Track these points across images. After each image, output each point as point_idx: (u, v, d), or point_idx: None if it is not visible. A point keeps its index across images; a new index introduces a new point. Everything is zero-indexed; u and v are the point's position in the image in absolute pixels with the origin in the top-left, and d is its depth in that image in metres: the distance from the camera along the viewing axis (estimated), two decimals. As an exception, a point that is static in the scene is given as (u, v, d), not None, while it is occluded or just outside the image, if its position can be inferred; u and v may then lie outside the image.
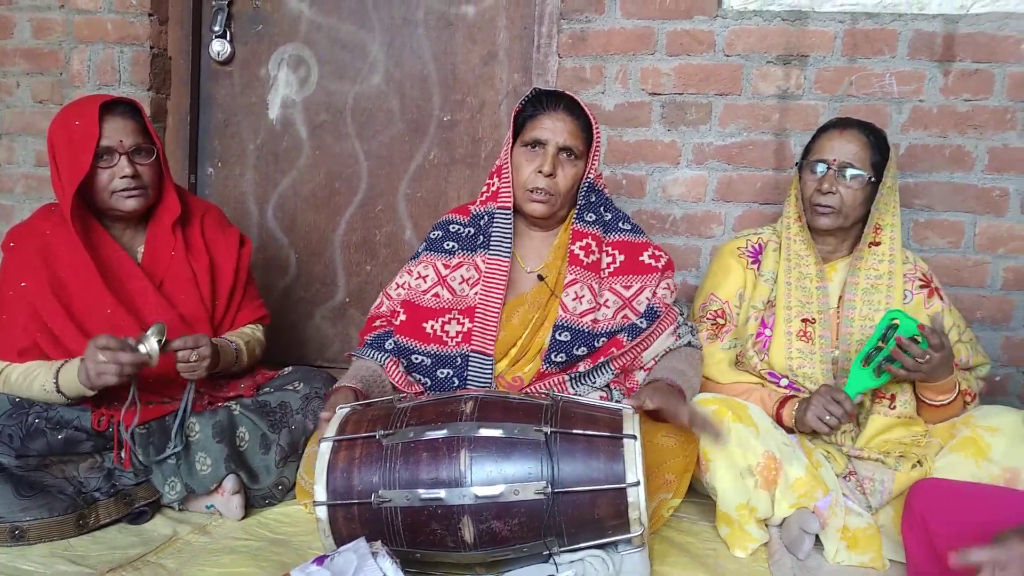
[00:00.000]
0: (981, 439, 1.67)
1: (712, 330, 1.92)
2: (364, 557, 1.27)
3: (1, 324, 1.75)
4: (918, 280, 1.88)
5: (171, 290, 1.86)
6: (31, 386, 1.68)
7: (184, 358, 1.69)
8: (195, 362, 1.70)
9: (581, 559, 1.39)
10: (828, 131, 1.87)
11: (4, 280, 1.77)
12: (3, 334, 1.75)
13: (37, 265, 1.75)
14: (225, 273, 1.95)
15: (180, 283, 1.87)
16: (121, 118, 1.77)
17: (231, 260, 1.97)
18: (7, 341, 1.74)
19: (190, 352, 1.69)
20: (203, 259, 1.92)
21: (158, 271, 1.87)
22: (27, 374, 1.70)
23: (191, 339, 1.70)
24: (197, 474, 1.71)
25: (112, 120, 1.75)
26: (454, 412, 1.41)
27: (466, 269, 1.83)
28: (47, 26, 2.65)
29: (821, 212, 1.83)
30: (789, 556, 1.61)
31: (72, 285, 1.75)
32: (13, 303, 1.74)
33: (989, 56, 2.23)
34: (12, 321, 1.74)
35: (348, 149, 2.66)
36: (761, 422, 1.69)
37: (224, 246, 1.97)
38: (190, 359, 1.70)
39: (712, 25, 2.35)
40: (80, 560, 1.51)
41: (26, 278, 1.74)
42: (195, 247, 1.92)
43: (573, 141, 1.77)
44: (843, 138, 1.83)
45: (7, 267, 1.78)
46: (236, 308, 1.99)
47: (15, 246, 1.79)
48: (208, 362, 1.72)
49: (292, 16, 2.64)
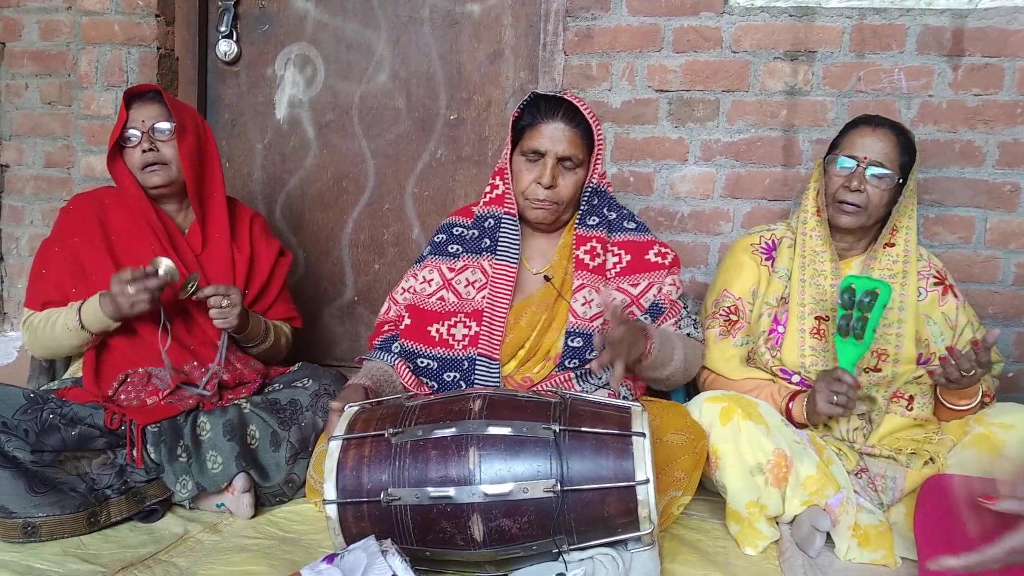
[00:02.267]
0: (994, 436, 1.66)
1: (724, 326, 1.90)
2: (374, 555, 1.27)
3: (39, 276, 1.89)
4: (932, 278, 1.87)
5: (207, 263, 1.99)
6: (54, 327, 1.81)
7: (216, 303, 1.82)
8: (226, 307, 1.83)
9: (591, 557, 1.38)
10: (859, 127, 1.83)
11: (56, 236, 1.92)
12: (37, 285, 1.88)
13: (93, 226, 1.90)
14: (261, 270, 2.09)
15: (218, 262, 2.00)
16: (144, 103, 1.93)
17: (269, 261, 2.11)
18: (38, 291, 1.88)
19: (221, 298, 1.82)
20: (245, 251, 2.06)
21: (199, 245, 2.00)
22: (48, 317, 1.83)
23: (223, 287, 1.85)
24: (208, 472, 1.71)
25: (138, 106, 1.93)
26: (463, 410, 1.41)
27: (471, 272, 1.83)
28: (55, 28, 2.66)
29: (846, 210, 1.80)
30: (800, 554, 1.60)
31: (121, 242, 1.90)
32: (58, 258, 1.88)
33: (998, 50, 2.22)
34: (50, 275, 1.88)
35: (355, 148, 2.66)
36: (771, 420, 1.68)
37: (265, 248, 2.12)
38: (222, 304, 1.82)
39: (719, 21, 2.34)
40: (92, 559, 1.52)
41: (80, 235, 1.89)
42: (241, 240, 2.06)
43: (573, 150, 1.74)
44: (875, 136, 1.79)
45: (61, 225, 1.93)
46: (268, 300, 2.10)
47: (73, 208, 1.95)
48: (238, 310, 1.84)
49: (298, 16, 2.64)
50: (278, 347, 2.09)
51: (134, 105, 1.93)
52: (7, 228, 2.78)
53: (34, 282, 1.90)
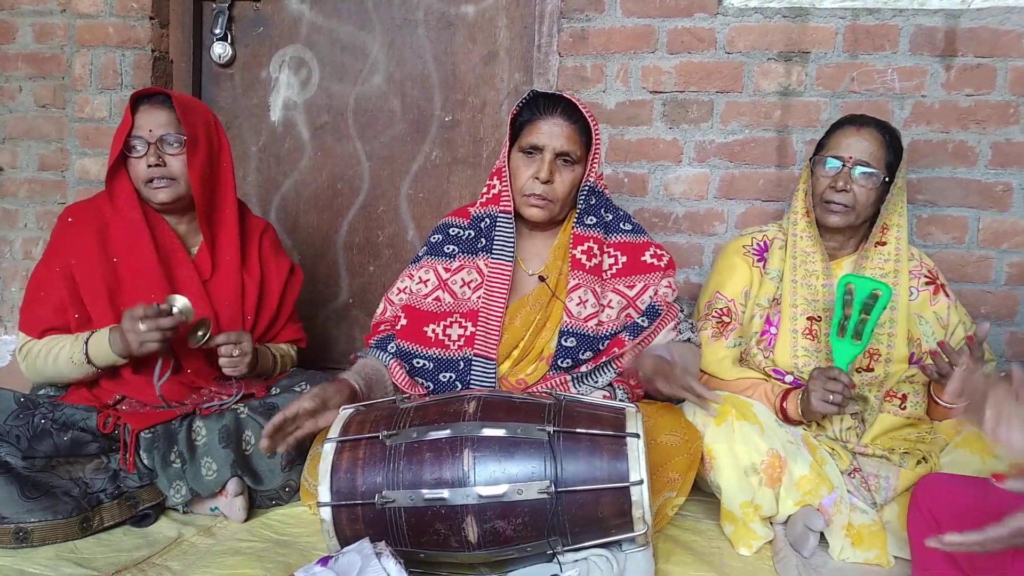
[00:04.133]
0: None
1: (717, 328, 1.91)
2: (368, 558, 1.27)
3: (36, 299, 1.78)
4: (924, 277, 1.87)
5: (215, 291, 1.89)
6: (56, 358, 1.72)
7: (227, 352, 1.76)
8: (237, 357, 1.77)
9: (585, 558, 1.38)
10: (844, 127, 1.84)
11: (53, 255, 1.80)
12: (34, 309, 1.78)
13: (92, 245, 1.78)
14: (271, 295, 2.00)
15: (226, 289, 1.91)
16: (152, 108, 1.80)
17: (279, 284, 2.01)
18: (36, 317, 1.77)
19: (233, 347, 1.76)
20: (255, 274, 1.96)
21: (207, 270, 1.90)
22: (50, 347, 1.74)
23: (234, 335, 1.78)
24: (203, 479, 1.71)
25: (144, 111, 1.79)
26: (457, 412, 1.41)
27: (467, 272, 1.83)
28: (49, 30, 2.66)
29: (833, 210, 1.81)
30: (794, 554, 1.61)
31: (123, 270, 1.79)
32: (56, 280, 1.77)
33: (991, 51, 2.23)
34: (49, 297, 1.77)
35: (350, 150, 2.66)
36: (765, 420, 1.69)
37: (275, 270, 2.02)
38: (232, 354, 1.76)
39: (713, 23, 2.34)
40: (86, 563, 1.51)
41: (77, 256, 1.77)
42: (251, 263, 1.96)
43: (571, 146, 1.75)
44: (860, 135, 1.81)
45: (59, 241, 1.81)
46: (278, 328, 2.04)
47: (73, 221, 1.82)
48: (249, 358, 1.79)
49: (292, 18, 2.64)
50: (284, 371, 2.04)
51: (140, 109, 1.79)
52: (0, 232, 2.78)
53: (31, 305, 1.78)
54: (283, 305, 2.03)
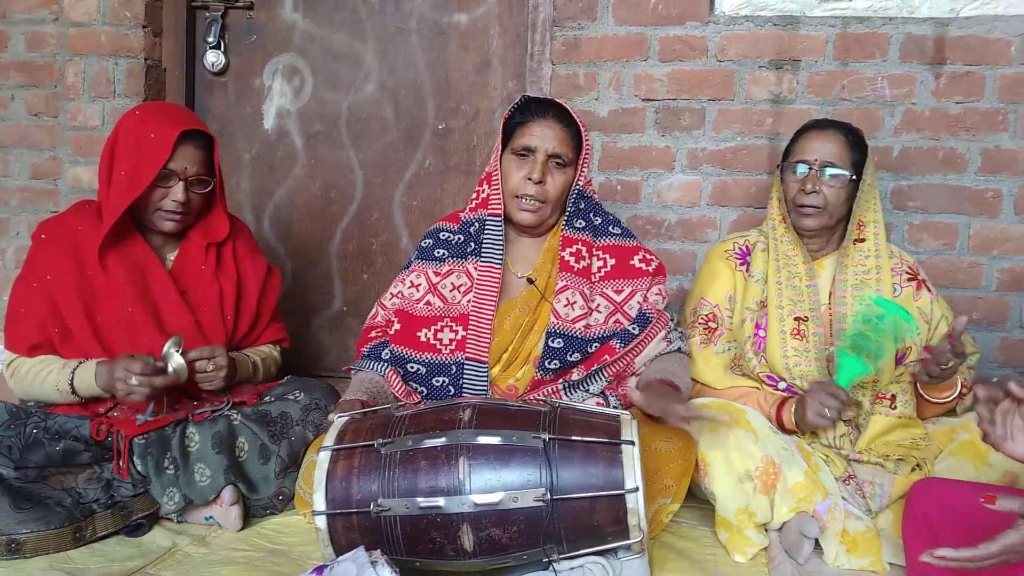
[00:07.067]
0: (980, 443, 1.66)
1: (704, 334, 1.92)
2: (363, 566, 1.27)
3: (19, 316, 1.79)
4: (905, 273, 1.89)
5: (194, 300, 1.89)
6: (43, 382, 1.73)
7: (201, 368, 1.75)
8: (211, 372, 1.76)
9: (581, 566, 1.38)
10: (807, 132, 1.88)
11: (29, 272, 1.81)
12: (18, 326, 1.79)
13: (65, 261, 1.78)
14: (250, 297, 1.99)
15: (205, 296, 1.91)
16: (193, 147, 1.81)
17: (256, 285, 2.01)
18: (21, 334, 1.78)
19: (207, 362, 1.75)
20: (231, 279, 1.96)
21: (185, 280, 1.90)
22: (38, 370, 1.74)
23: (207, 350, 1.77)
24: (196, 485, 1.70)
25: (185, 147, 1.79)
26: (452, 420, 1.41)
27: (456, 276, 1.83)
28: (41, 39, 2.65)
29: (806, 213, 1.84)
30: (789, 561, 1.61)
31: (98, 284, 1.79)
32: (35, 296, 1.78)
33: (979, 58, 2.25)
34: (29, 314, 1.78)
35: (343, 158, 2.67)
36: (759, 427, 1.69)
37: (252, 271, 2.01)
38: (207, 369, 1.76)
39: (704, 31, 2.36)
40: (79, 573, 1.50)
41: (52, 272, 1.78)
42: (226, 266, 1.97)
43: (562, 148, 1.78)
44: (823, 138, 1.85)
45: (35, 259, 1.81)
46: (260, 330, 2.03)
47: (46, 239, 1.82)
48: (224, 372, 1.78)
49: (286, 26, 2.65)
50: (268, 376, 2.03)
51: (182, 144, 1.78)
52: (-8, 240, 2.77)
53: (13, 323, 1.80)
54: (263, 306, 2.03)
